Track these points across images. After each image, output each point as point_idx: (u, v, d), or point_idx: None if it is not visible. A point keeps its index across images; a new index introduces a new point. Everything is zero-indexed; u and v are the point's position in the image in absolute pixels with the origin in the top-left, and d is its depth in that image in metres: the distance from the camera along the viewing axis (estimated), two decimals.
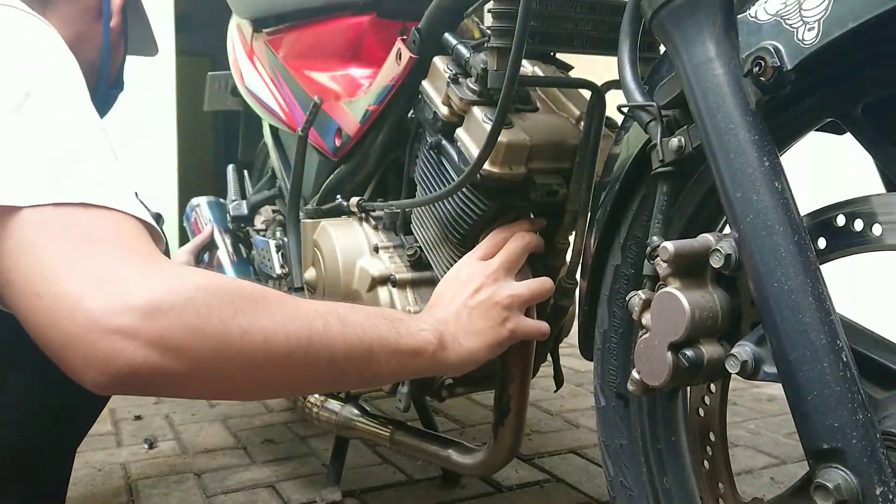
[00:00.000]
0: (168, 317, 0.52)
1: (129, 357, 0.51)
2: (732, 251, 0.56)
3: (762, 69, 0.55)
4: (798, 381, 0.51)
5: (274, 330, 0.59)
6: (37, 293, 0.52)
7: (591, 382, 0.85)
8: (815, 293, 0.51)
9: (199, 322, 0.54)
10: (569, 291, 0.95)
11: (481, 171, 0.84)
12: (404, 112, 1.05)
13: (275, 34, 1.36)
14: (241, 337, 0.56)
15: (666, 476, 0.76)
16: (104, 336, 0.50)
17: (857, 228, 0.57)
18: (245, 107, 1.65)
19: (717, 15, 0.58)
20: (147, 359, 0.51)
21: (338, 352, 0.65)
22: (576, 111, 0.94)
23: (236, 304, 0.57)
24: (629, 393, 0.71)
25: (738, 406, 1.88)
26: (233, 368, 0.57)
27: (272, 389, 0.70)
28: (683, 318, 0.58)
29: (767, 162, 0.54)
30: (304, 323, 0.62)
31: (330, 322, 0.64)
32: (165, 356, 0.52)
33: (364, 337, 0.68)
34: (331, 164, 1.21)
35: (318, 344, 0.63)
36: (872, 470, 0.48)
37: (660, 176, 0.66)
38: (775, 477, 1.42)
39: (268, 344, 0.58)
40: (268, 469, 1.46)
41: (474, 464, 0.99)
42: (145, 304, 0.52)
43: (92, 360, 0.51)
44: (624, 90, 0.69)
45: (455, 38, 0.93)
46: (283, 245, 1.42)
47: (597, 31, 0.87)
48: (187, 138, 3.73)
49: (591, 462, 1.49)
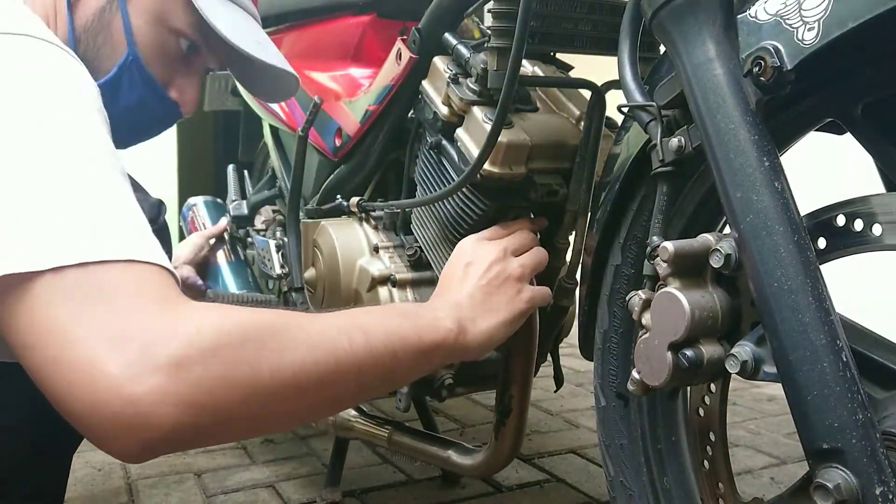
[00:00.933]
0: (194, 372, 0.50)
1: (160, 422, 0.48)
2: (732, 251, 0.56)
3: (762, 69, 0.55)
4: (798, 381, 0.51)
5: (302, 362, 0.57)
6: (53, 359, 0.49)
7: (591, 382, 0.85)
8: (815, 293, 0.51)
9: (227, 371, 0.52)
10: (569, 291, 0.94)
11: (481, 171, 0.84)
12: (404, 112, 1.05)
13: (275, 34, 1.36)
14: (270, 377, 0.54)
15: (666, 476, 0.76)
16: (129, 404, 0.47)
17: (857, 228, 0.57)
18: (245, 107, 1.66)
19: (717, 15, 0.58)
20: (179, 420, 0.49)
21: (366, 366, 0.63)
22: (576, 111, 0.94)
23: (260, 343, 0.55)
24: (629, 393, 0.71)
25: (738, 406, 1.88)
26: (267, 410, 0.55)
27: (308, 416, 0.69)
28: (683, 318, 0.58)
29: (767, 162, 0.54)
30: (330, 346, 0.60)
31: (354, 338, 0.62)
32: (196, 414, 0.49)
33: (388, 344, 0.66)
34: (331, 164, 1.21)
35: (346, 364, 0.61)
36: (872, 470, 0.48)
37: (660, 176, 0.66)
38: (775, 477, 1.42)
39: (297, 377, 0.56)
40: (268, 469, 1.46)
41: (474, 465, 0.99)
42: (168, 361, 0.49)
43: (120, 429, 0.48)
44: (624, 90, 0.69)
45: (455, 38, 0.93)
46: (283, 245, 1.42)
47: (597, 31, 0.87)
48: (187, 138, 3.73)
49: (591, 462, 1.49)
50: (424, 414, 1.42)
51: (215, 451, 1.56)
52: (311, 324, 0.61)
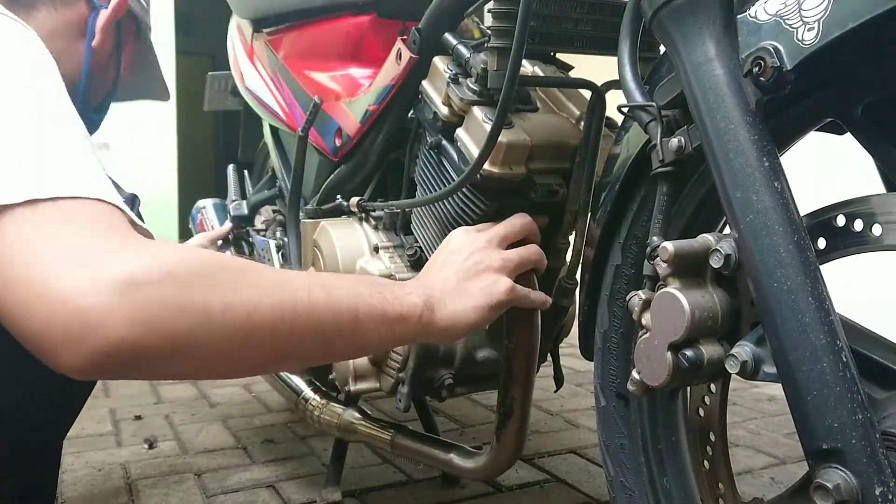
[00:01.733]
0: (144, 291, 0.50)
1: (106, 336, 0.48)
2: (732, 251, 0.56)
3: (762, 69, 0.55)
4: (798, 381, 0.51)
5: (257, 302, 0.57)
6: (5, 280, 0.50)
7: (591, 382, 0.85)
8: (815, 293, 0.51)
9: (178, 296, 0.52)
10: (569, 291, 0.94)
11: (481, 171, 0.84)
12: (404, 112, 1.05)
13: (275, 34, 1.36)
14: (222, 311, 0.54)
15: (666, 476, 0.76)
16: (77, 315, 0.48)
17: (857, 228, 0.57)
18: (245, 107, 1.66)
19: (717, 15, 0.58)
20: (125, 337, 0.49)
21: (325, 322, 0.63)
22: (576, 111, 0.94)
23: (216, 277, 0.55)
24: (629, 393, 0.71)
25: (738, 406, 1.88)
26: (215, 344, 0.55)
27: (260, 365, 0.67)
28: (683, 318, 0.58)
29: (767, 162, 0.54)
30: (289, 293, 0.60)
31: (315, 292, 0.62)
32: (144, 333, 0.50)
33: (350, 305, 0.66)
34: (331, 164, 1.21)
35: (303, 314, 0.60)
36: (872, 470, 0.48)
37: (660, 176, 0.66)
38: (775, 477, 1.42)
39: (251, 317, 0.56)
40: (268, 469, 1.46)
41: (477, 467, 0.99)
42: (119, 278, 0.49)
43: (67, 343, 0.48)
44: (624, 90, 0.69)
45: (455, 38, 0.93)
46: (283, 245, 1.42)
47: (597, 31, 0.87)
48: (187, 138, 3.74)
49: (591, 462, 1.49)
50: (424, 414, 1.42)
51: (215, 452, 1.56)
52: (274, 273, 0.62)
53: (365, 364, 1.05)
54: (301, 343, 0.62)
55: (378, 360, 1.04)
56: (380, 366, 1.04)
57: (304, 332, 0.61)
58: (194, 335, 0.53)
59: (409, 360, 0.97)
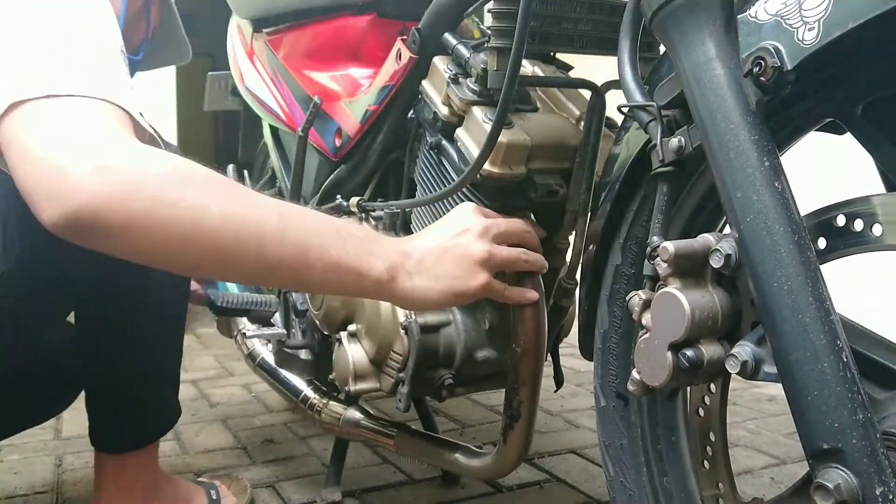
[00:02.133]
0: (111, 173, 0.61)
1: (73, 200, 0.60)
2: (732, 251, 0.56)
3: (762, 69, 0.55)
4: (798, 381, 0.51)
5: (205, 205, 0.64)
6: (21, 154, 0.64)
7: (591, 382, 0.85)
8: (815, 293, 0.51)
9: (139, 182, 0.62)
10: (569, 291, 0.94)
11: (481, 171, 0.84)
12: (404, 112, 1.05)
13: (275, 34, 1.36)
14: (173, 204, 0.62)
15: (666, 476, 0.76)
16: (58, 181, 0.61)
17: (857, 228, 0.57)
18: (245, 107, 1.65)
19: (717, 15, 0.58)
20: (88, 204, 0.60)
21: (269, 248, 0.67)
22: (576, 111, 0.94)
23: (180, 176, 0.65)
24: (629, 393, 0.71)
25: (738, 406, 1.88)
26: (161, 233, 0.62)
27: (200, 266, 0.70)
28: (683, 318, 0.58)
29: (767, 162, 0.54)
30: (242, 211, 0.66)
31: (269, 219, 0.67)
32: (103, 205, 0.60)
33: (301, 243, 0.69)
34: (331, 164, 1.21)
35: (247, 234, 0.66)
36: (872, 470, 0.48)
37: (660, 176, 0.66)
38: (775, 477, 1.42)
39: (196, 217, 0.63)
40: (268, 469, 1.46)
41: (482, 467, 0.99)
42: (98, 160, 0.61)
43: (47, 200, 0.61)
44: (624, 90, 0.69)
45: (455, 38, 0.93)
46: None
47: (597, 31, 0.87)
48: (187, 138, 3.73)
49: (591, 462, 1.49)
50: (424, 414, 1.42)
51: (215, 452, 1.56)
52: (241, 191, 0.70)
53: (365, 364, 1.05)
54: (240, 259, 0.67)
55: (378, 361, 1.04)
56: (380, 366, 1.04)
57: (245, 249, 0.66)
58: (143, 219, 0.62)
59: (409, 360, 0.97)
